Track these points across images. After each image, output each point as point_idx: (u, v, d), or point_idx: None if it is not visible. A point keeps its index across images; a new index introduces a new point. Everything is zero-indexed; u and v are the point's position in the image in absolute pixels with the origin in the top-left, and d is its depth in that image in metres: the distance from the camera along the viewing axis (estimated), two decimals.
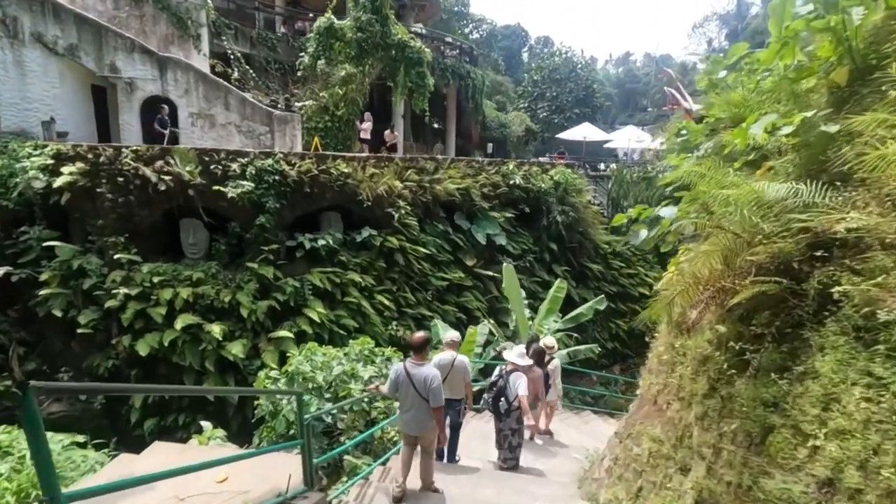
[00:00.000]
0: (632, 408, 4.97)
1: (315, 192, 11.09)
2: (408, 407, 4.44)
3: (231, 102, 12.02)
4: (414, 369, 4.39)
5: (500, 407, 5.61)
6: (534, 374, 6.06)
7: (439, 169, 13.17)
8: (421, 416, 4.40)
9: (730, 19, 66.27)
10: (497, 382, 5.67)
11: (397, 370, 4.52)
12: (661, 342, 4.45)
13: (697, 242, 5.34)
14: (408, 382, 4.37)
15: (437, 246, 12.91)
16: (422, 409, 4.37)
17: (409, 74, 15.18)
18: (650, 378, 4.46)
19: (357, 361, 7.38)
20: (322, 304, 10.57)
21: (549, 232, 15.81)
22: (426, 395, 4.30)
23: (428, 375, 4.34)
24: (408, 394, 4.40)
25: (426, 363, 4.51)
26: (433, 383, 4.31)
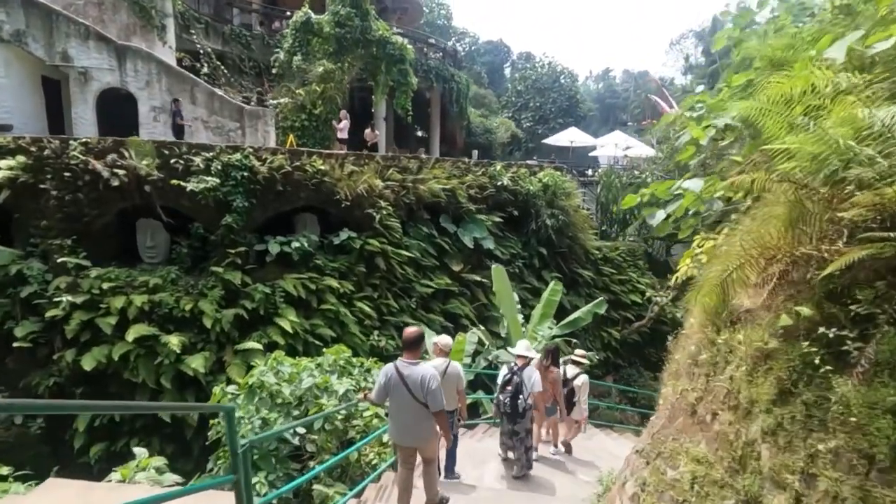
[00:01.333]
0: (655, 420, 4.19)
1: (288, 191, 10.21)
2: (401, 414, 3.88)
3: (198, 96, 11.14)
4: (407, 369, 3.82)
5: (518, 406, 5.24)
6: (553, 375, 5.71)
7: (423, 168, 12.41)
8: (418, 424, 3.86)
9: (705, 36, 67.73)
10: (511, 380, 5.29)
11: (387, 372, 3.93)
12: (695, 339, 3.70)
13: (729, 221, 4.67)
14: (400, 385, 3.80)
15: (421, 250, 12.09)
16: (419, 416, 3.81)
17: (391, 72, 14.50)
18: (682, 383, 3.71)
19: (331, 373, 6.47)
20: (295, 313, 9.62)
21: (539, 236, 15.13)
22: (423, 399, 3.75)
23: (425, 375, 3.76)
24: (401, 399, 3.82)
25: (421, 362, 3.93)
26: (431, 383, 3.75)
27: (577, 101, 39.30)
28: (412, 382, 3.77)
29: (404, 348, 3.96)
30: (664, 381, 4.62)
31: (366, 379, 6.96)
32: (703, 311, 3.58)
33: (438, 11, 48.99)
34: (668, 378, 4.49)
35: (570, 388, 6.12)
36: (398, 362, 3.92)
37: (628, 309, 17.48)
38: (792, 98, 2.47)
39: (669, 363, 4.77)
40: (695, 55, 71.23)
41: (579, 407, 6.22)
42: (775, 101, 2.53)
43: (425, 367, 3.88)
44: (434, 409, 3.78)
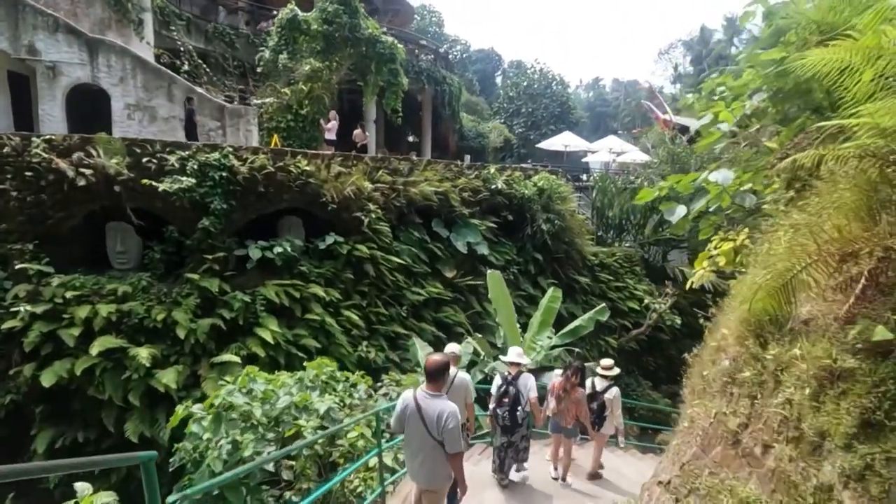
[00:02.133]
0: (681, 446, 3.65)
1: (271, 193, 9.61)
2: (415, 450, 3.55)
3: (176, 94, 10.54)
4: (426, 401, 3.48)
5: (517, 417, 5.11)
6: (577, 394, 5.42)
7: (414, 170, 11.89)
8: (431, 464, 3.50)
9: (694, 45, 68.46)
10: (507, 391, 5.14)
11: (406, 400, 3.60)
12: (730, 353, 3.19)
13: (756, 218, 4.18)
14: (416, 417, 3.46)
15: (412, 255, 11.52)
16: (433, 455, 3.46)
17: (381, 72, 14.01)
18: (715, 405, 3.19)
19: (312, 389, 5.86)
20: (278, 322, 9.00)
21: (534, 241, 14.64)
22: (440, 437, 3.39)
23: (443, 412, 3.39)
24: (416, 433, 3.50)
25: (444, 395, 3.57)
26: (449, 422, 3.37)
27: (570, 107, 39.14)
28: (429, 417, 3.41)
29: (426, 378, 3.57)
30: (687, 398, 4.09)
31: (351, 395, 6.37)
32: (742, 321, 3.06)
33: (430, 18, 48.90)
34: (691, 396, 3.97)
35: (601, 402, 5.72)
36: (418, 392, 3.57)
37: (626, 316, 17.02)
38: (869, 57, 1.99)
39: (690, 378, 4.25)
40: (683, 64, 72.06)
41: (612, 420, 5.80)
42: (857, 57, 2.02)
43: (446, 403, 3.49)
44: (451, 449, 3.40)
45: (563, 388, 5.45)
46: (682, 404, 4.09)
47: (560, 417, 5.55)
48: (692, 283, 5.20)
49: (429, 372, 3.55)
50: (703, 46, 65.04)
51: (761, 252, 3.21)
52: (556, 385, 5.56)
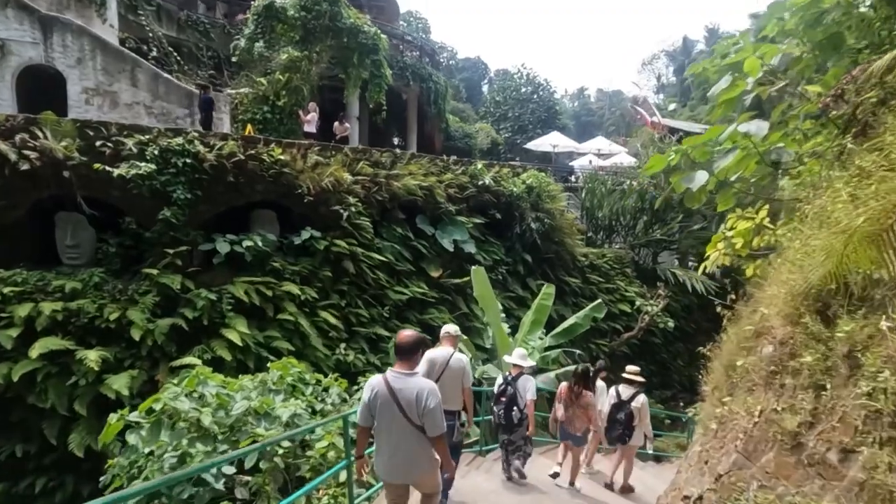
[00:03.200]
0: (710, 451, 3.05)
1: (241, 183, 8.89)
2: (390, 441, 3.06)
3: (140, 78, 9.79)
4: (399, 382, 3.02)
5: (512, 417, 5.08)
6: (587, 399, 5.28)
7: (397, 163, 11.27)
8: (412, 454, 3.05)
9: (677, 55, 69.52)
10: (505, 391, 5.12)
11: (373, 385, 3.10)
12: (778, 335, 2.61)
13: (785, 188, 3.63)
14: (390, 402, 2.99)
15: (395, 253, 10.85)
16: (413, 443, 3.02)
17: (363, 64, 13.41)
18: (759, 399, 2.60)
19: (276, 393, 5.14)
20: (247, 323, 8.24)
21: (523, 241, 14.08)
22: (419, 421, 2.98)
23: (421, 390, 2.98)
24: (390, 421, 3.02)
25: (418, 374, 3.14)
26: (429, 401, 2.95)
27: (556, 112, 39.02)
28: (405, 400, 2.96)
29: (397, 355, 3.14)
30: (708, 397, 3.50)
31: (323, 399, 5.67)
32: (795, 295, 2.47)
33: (416, 24, 48.65)
34: (716, 394, 3.37)
35: (629, 412, 5.44)
36: (389, 373, 3.10)
37: (617, 319, 16.51)
38: None
39: (711, 374, 3.66)
40: (666, 75, 73.12)
41: (641, 430, 5.50)
42: None
43: (422, 381, 3.07)
44: (432, 432, 2.98)
45: (570, 397, 5.27)
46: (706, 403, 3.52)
47: (568, 425, 5.34)
48: (705, 268, 4.65)
49: (400, 347, 3.10)
50: (686, 56, 66.05)
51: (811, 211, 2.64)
52: (563, 391, 5.40)
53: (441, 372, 4.22)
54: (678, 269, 17.63)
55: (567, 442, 5.54)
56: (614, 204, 18.30)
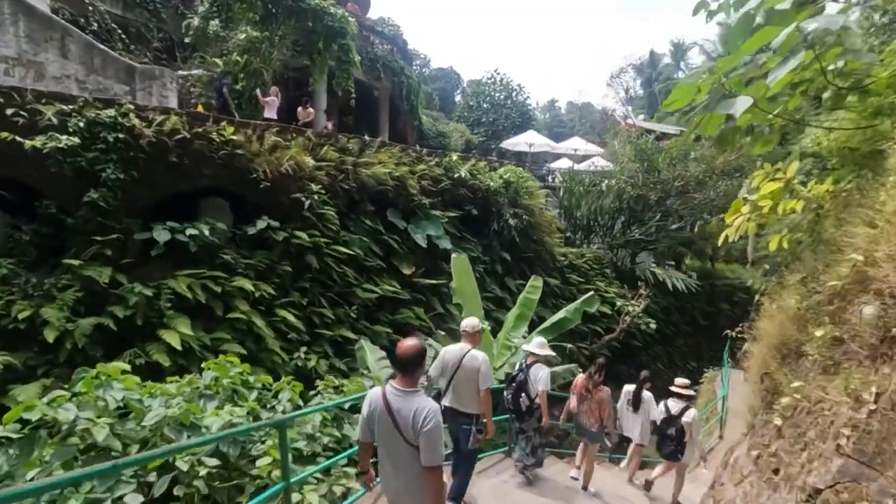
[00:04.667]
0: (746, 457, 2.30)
1: (186, 165, 7.83)
2: (388, 459, 2.81)
3: (71, 49, 8.63)
4: (398, 400, 2.75)
5: (520, 404, 4.99)
6: (601, 394, 5.24)
7: (366, 150, 10.36)
8: (408, 477, 2.73)
9: (644, 68, 71.34)
10: (517, 377, 5.06)
11: (373, 401, 2.85)
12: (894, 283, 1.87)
13: None
14: (387, 419, 2.73)
15: (364, 247, 9.91)
16: (410, 466, 2.70)
17: (330, 49, 12.51)
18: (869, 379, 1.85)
19: (208, 399, 4.14)
20: (190, 324, 7.15)
21: (501, 238, 13.36)
22: (415, 442, 2.65)
23: (420, 410, 2.67)
24: (388, 438, 2.76)
25: (420, 392, 2.80)
26: (427, 422, 2.62)
27: (530, 116, 38.84)
28: (402, 418, 2.70)
29: (397, 369, 2.90)
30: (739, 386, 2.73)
31: (272, 407, 4.68)
32: None
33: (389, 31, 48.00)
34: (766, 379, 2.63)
35: (680, 427, 5.23)
36: (388, 389, 2.83)
37: (597, 321, 15.90)
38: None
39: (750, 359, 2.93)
40: (634, 87, 74.92)
41: (692, 447, 5.28)
42: None
43: (423, 400, 2.75)
44: (426, 460, 2.63)
45: (586, 388, 5.20)
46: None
47: (583, 418, 5.30)
48: (726, 237, 3.95)
49: (401, 360, 2.76)
50: (653, 69, 67.81)
51: None
52: (578, 383, 5.35)
53: (454, 371, 4.00)
54: (658, 269, 17.23)
55: (583, 438, 5.45)
56: (592, 203, 17.85)
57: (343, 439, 5.55)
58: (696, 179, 16.83)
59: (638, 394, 5.83)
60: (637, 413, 5.83)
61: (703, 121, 3.04)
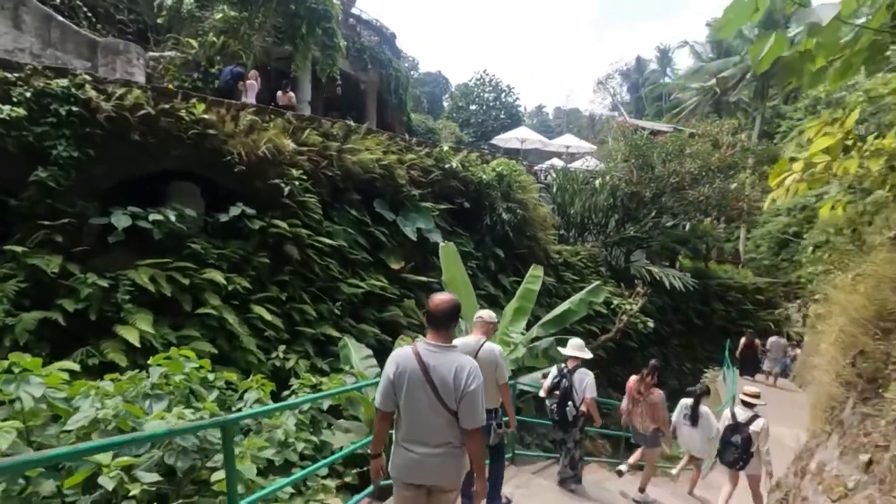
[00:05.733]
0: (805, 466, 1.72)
1: (151, 144, 7.09)
2: (415, 430, 2.44)
3: (26, 20, 7.86)
4: (434, 357, 2.42)
5: (567, 414, 4.73)
6: (654, 396, 5.18)
7: (351, 136, 9.70)
8: (441, 449, 2.41)
9: (631, 73, 71.91)
10: (560, 384, 4.77)
11: (400, 359, 2.47)
12: None
13: None
14: (421, 381, 2.39)
15: (349, 240, 9.23)
16: (445, 435, 2.40)
17: (314, 33, 11.86)
18: None
19: (155, 399, 3.43)
20: (152, 320, 6.39)
21: (494, 233, 12.76)
22: (454, 406, 2.36)
23: (462, 368, 2.38)
24: (420, 405, 2.40)
25: (456, 348, 2.51)
26: (470, 381, 2.35)
27: (520, 117, 38.58)
28: (440, 378, 2.37)
29: (430, 324, 2.56)
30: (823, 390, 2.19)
31: (231, 406, 3.99)
32: None
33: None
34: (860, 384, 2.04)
35: (747, 436, 4.99)
36: (420, 345, 2.50)
37: (592, 321, 15.35)
38: None
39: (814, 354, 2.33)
40: (620, 93, 75.48)
41: (759, 458, 4.98)
42: None
43: (462, 357, 2.47)
44: (468, 423, 2.37)
45: (638, 390, 5.16)
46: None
47: (636, 421, 5.23)
48: (772, 200, 3.39)
49: (435, 314, 2.53)
50: (640, 75, 68.39)
51: None
52: (630, 386, 5.31)
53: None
54: (654, 267, 16.78)
55: (640, 447, 5.41)
56: (586, 200, 17.38)
57: (323, 446, 4.88)
58: (692, 175, 16.45)
59: (696, 408, 5.68)
60: (695, 427, 5.70)
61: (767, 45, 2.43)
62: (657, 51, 69.83)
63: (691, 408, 5.67)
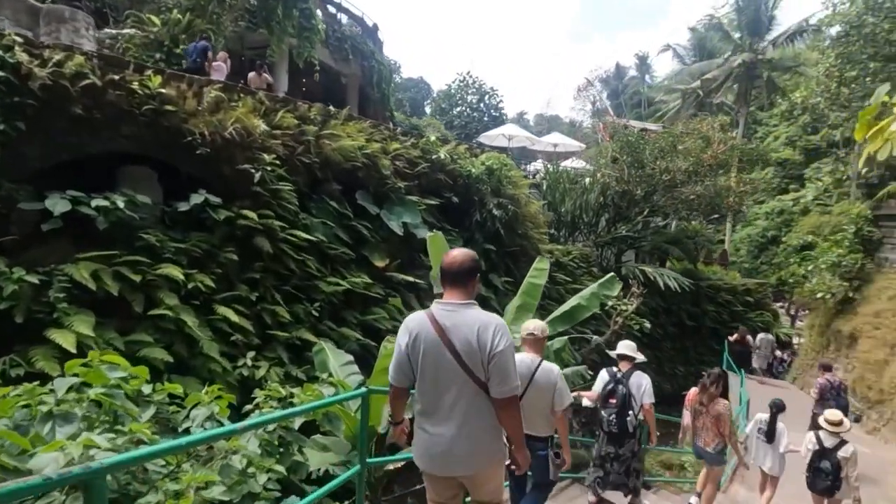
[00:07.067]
0: None
1: (97, 120, 6.14)
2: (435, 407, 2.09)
3: None
4: (450, 317, 2.08)
5: (627, 425, 4.20)
6: (718, 408, 4.71)
7: (331, 121, 8.86)
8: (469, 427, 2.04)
9: (610, 80, 72.69)
10: (616, 390, 4.19)
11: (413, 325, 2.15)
12: None
13: None
14: (438, 346, 2.04)
15: (328, 233, 8.37)
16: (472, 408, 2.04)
17: (290, 15, 11.00)
18: None
19: (61, 420, 2.54)
20: (91, 322, 5.41)
21: (484, 230, 12.02)
22: (481, 372, 2.01)
23: (485, 326, 2.02)
24: (438, 374, 2.07)
25: (475, 305, 2.13)
26: (498, 340, 1.98)
27: (503, 120, 38.13)
28: (461, 340, 2.00)
29: (445, 282, 2.18)
30: None
31: (176, 427, 3.11)
32: None
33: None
34: None
35: (836, 461, 4.77)
36: (435, 307, 2.13)
37: (586, 324, 14.63)
38: None
39: None
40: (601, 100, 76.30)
41: (848, 485, 4.75)
42: None
43: (484, 314, 2.09)
44: (499, 391, 1.98)
45: (700, 401, 4.83)
46: None
47: (699, 436, 4.86)
48: (869, 154, 2.71)
49: (449, 270, 2.16)
50: (619, 81, 69.17)
51: None
52: (691, 396, 5.10)
53: (524, 388, 3.20)
54: (648, 267, 16.25)
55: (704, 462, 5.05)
56: (577, 199, 16.82)
57: (297, 469, 4.01)
58: (684, 173, 16.02)
59: (773, 424, 5.40)
60: (771, 444, 5.40)
61: None
62: (636, 58, 70.79)
63: (768, 423, 5.40)
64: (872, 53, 16.82)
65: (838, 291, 12.17)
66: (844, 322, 11.94)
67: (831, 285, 12.29)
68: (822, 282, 12.70)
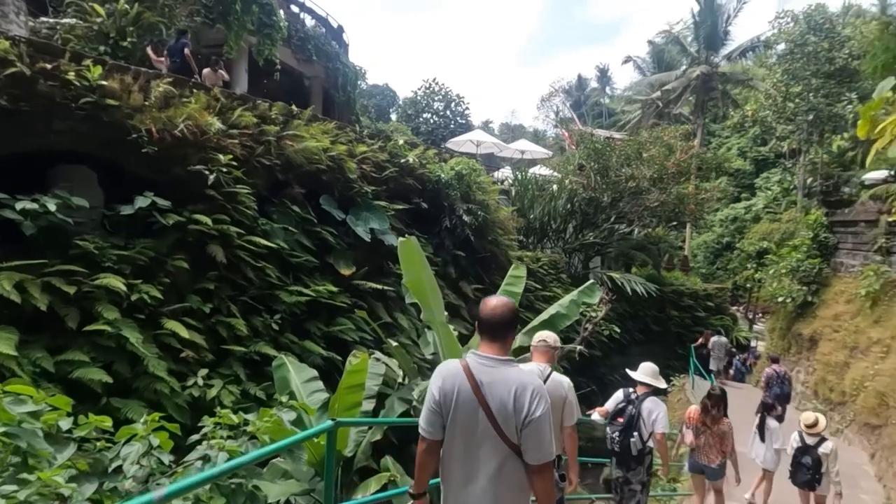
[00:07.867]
0: None
1: (26, 113, 5.47)
2: (466, 464, 1.99)
3: None
4: (488, 373, 1.96)
5: (630, 446, 4.04)
6: (723, 426, 4.82)
7: (294, 121, 8.37)
8: (499, 489, 1.94)
9: (573, 91, 74.52)
10: (625, 410, 4.13)
11: (447, 374, 2.03)
12: None
13: None
14: (473, 402, 1.95)
15: (290, 240, 7.85)
16: (503, 471, 1.94)
17: (249, 10, 10.45)
18: None
19: None
20: (13, 341, 4.75)
21: (454, 237, 11.74)
22: (515, 436, 1.91)
23: (523, 388, 1.91)
24: (471, 432, 1.97)
25: (514, 361, 2.06)
26: (535, 406, 1.88)
27: (470, 127, 38.19)
28: (496, 400, 1.91)
29: (484, 333, 2.07)
30: None
31: (106, 468, 2.62)
32: None
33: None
34: None
35: (816, 458, 5.11)
36: (471, 358, 2.02)
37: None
38: None
39: None
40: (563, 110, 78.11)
41: (828, 480, 5.16)
42: None
43: (523, 374, 1.97)
44: (534, 458, 1.89)
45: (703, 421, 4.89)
46: None
47: (702, 453, 4.95)
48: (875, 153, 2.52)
49: (488, 321, 2.05)
50: (581, 93, 71.03)
51: None
52: (693, 415, 5.04)
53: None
54: (615, 273, 16.37)
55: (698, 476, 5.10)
56: (545, 205, 16.82)
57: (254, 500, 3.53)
58: (649, 180, 16.29)
59: (762, 423, 5.81)
60: (763, 441, 5.82)
61: None
62: (597, 70, 72.83)
63: (758, 423, 5.80)
64: (815, 70, 17.74)
65: (798, 295, 12.51)
66: (805, 325, 12.28)
67: (791, 289, 12.63)
68: (783, 286, 13.06)
